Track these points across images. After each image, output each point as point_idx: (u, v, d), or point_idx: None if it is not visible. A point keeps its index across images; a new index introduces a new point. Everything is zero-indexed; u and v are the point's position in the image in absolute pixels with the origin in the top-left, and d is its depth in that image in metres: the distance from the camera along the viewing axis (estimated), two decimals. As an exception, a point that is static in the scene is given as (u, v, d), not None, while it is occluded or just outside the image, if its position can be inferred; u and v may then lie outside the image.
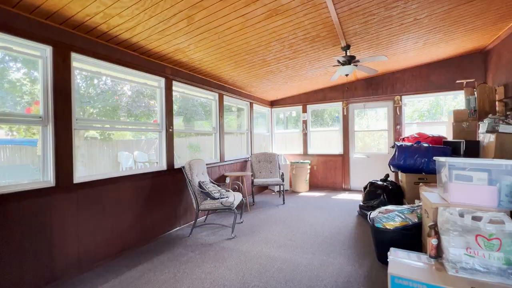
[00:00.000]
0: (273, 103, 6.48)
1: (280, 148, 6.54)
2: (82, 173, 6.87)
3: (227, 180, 4.44)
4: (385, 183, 3.43)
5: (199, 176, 3.39)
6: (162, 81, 3.26)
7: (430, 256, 1.64)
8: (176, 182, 3.40)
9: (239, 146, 5.47)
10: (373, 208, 3.36)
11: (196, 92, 3.97)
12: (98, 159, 9.63)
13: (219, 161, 4.37)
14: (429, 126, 5.29)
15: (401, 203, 3.31)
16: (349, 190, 5.62)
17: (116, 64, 2.68)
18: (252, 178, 4.72)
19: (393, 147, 5.25)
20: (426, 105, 6.59)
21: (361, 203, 3.65)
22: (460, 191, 1.67)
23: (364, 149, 5.74)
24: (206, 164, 3.99)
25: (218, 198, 3.14)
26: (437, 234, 1.62)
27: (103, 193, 2.53)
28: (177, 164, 3.43)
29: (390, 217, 2.26)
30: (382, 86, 5.27)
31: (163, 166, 3.27)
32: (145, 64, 3.00)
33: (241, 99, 5.12)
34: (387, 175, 3.65)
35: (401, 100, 5.12)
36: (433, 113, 6.38)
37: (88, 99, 3.00)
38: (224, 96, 4.56)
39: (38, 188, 2.04)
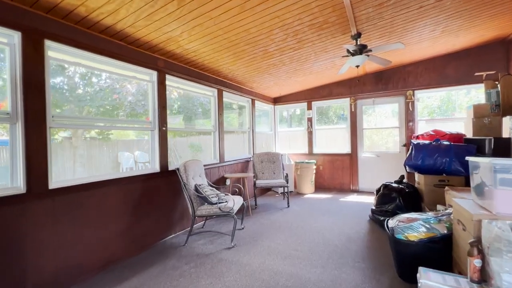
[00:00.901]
0: (276, 100, 6.16)
1: (284, 148, 6.23)
2: (81, 174, 6.63)
3: (227, 182, 4.15)
4: (400, 186, 3.10)
5: (195, 179, 3.10)
6: (154, 74, 2.98)
7: (472, 281, 1.33)
8: (170, 185, 3.11)
9: (241, 145, 5.18)
10: (387, 213, 3.04)
11: (192, 88, 3.67)
12: (97, 159, 9.42)
13: (218, 161, 4.08)
14: (441, 123, 4.92)
15: (419, 208, 2.98)
16: (357, 191, 5.29)
17: (100, 54, 2.40)
18: (254, 179, 4.42)
19: (404, 145, 4.92)
20: (436, 101, 6.24)
21: (374, 207, 3.33)
22: (510, 200, 1.35)
23: (372, 147, 5.40)
24: (205, 165, 3.70)
25: (216, 203, 2.84)
26: (481, 254, 1.31)
27: (86, 199, 2.25)
28: (175, 165, 3.15)
29: (413, 227, 1.94)
30: (393, 81, 4.93)
31: (155, 168, 2.99)
32: (134, 55, 2.71)
33: (242, 96, 4.82)
34: (402, 176, 3.32)
35: (413, 95, 4.77)
36: (444, 110, 6.03)
37: (71, 95, 2.72)
38: (224, 92, 4.27)
39: (6, 196, 1.77)
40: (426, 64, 4.64)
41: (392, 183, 3.26)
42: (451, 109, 6.01)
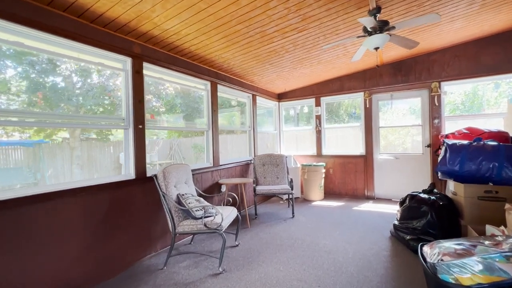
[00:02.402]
0: (280, 96, 5.59)
1: (291, 149, 5.65)
2: (78, 176, 6.26)
3: (223, 189, 3.61)
4: (432, 197, 2.48)
5: (179, 187, 2.58)
6: (127, 61, 2.48)
7: None
8: (150, 194, 2.61)
9: (241, 146, 4.65)
10: (415, 231, 2.42)
11: (178, 79, 3.16)
12: (97, 161, 9.04)
13: (212, 165, 3.55)
14: (469, 120, 4.22)
15: (457, 227, 2.36)
16: (373, 198, 4.65)
17: (54, 35, 1.91)
18: (254, 185, 3.87)
19: (429, 146, 4.25)
20: (460, 97, 5.53)
21: (397, 222, 2.72)
22: None
23: (388, 148, 4.75)
24: (195, 170, 3.19)
25: (200, 218, 2.31)
26: None
27: (32, 215, 1.76)
28: (153, 171, 2.64)
29: (467, 265, 1.34)
30: (415, 71, 4.27)
31: (130, 173, 2.49)
32: (98, 36, 2.21)
33: (241, 91, 4.28)
34: (433, 185, 2.68)
35: (440, 87, 4.10)
36: (469, 106, 5.32)
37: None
38: (219, 86, 3.74)
39: None
40: (455, 51, 3.97)
41: (420, 193, 2.64)
42: (477, 105, 5.29)
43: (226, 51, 3.02)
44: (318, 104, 5.17)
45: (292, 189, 3.83)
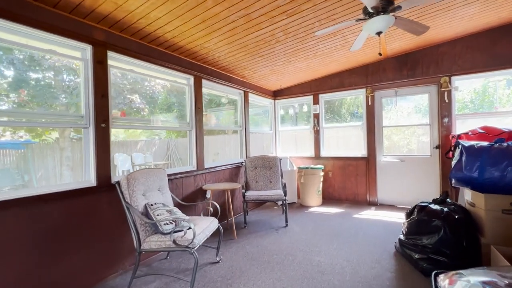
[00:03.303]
0: (276, 94, 5.22)
1: (289, 150, 5.27)
2: (67, 179, 5.93)
3: (208, 195, 3.26)
4: (445, 209, 2.09)
5: (149, 195, 2.22)
6: (87, 50, 2.13)
7: None
8: (116, 204, 2.26)
9: (232, 147, 4.30)
10: (425, 249, 2.03)
11: (155, 72, 2.81)
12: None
13: (195, 168, 3.19)
14: (480, 119, 3.82)
15: (477, 246, 1.97)
16: (375, 204, 4.26)
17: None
18: (243, 190, 3.50)
19: (437, 147, 3.84)
20: (469, 95, 5.14)
21: (403, 237, 2.33)
22: None
23: (392, 149, 4.36)
24: (173, 175, 2.83)
25: (169, 233, 1.95)
26: None
27: None
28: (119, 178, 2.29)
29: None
30: (422, 65, 3.87)
31: (90, 180, 2.14)
32: (48, 19, 1.87)
33: (230, 87, 3.92)
34: (446, 194, 2.29)
35: (450, 82, 3.70)
36: (479, 105, 4.92)
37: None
38: (204, 81, 3.38)
39: None
40: (467, 42, 3.56)
41: (430, 203, 2.25)
42: (488, 103, 4.89)
43: (207, 39, 2.66)
44: (316, 101, 4.79)
45: (285, 195, 3.46)
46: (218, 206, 2.52)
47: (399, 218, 3.54)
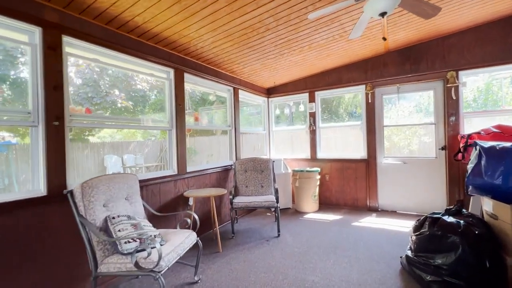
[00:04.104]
0: (270, 92, 4.89)
1: (282, 151, 4.94)
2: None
3: (190, 202, 2.91)
4: (461, 221, 1.76)
5: (112, 206, 1.88)
6: (35, 33, 1.78)
7: None
8: (72, 217, 1.90)
9: (221, 149, 3.96)
10: (439, 270, 1.70)
11: (127, 63, 2.46)
12: (77, 163, 8.33)
13: (176, 173, 2.85)
14: (485, 117, 3.53)
15: (501, 266, 1.64)
16: (376, 210, 3.93)
17: None
18: (231, 196, 3.15)
19: (443, 148, 3.51)
20: (472, 93, 4.86)
21: (411, 253, 2.00)
22: None
23: (393, 151, 4.04)
24: (147, 180, 2.49)
25: (130, 253, 1.61)
26: None
27: None
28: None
29: None
30: (427, 59, 3.56)
31: (39, 189, 1.79)
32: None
33: (218, 82, 3.58)
34: (460, 204, 1.96)
35: (457, 77, 3.39)
36: (482, 103, 4.64)
37: None
38: (187, 75, 3.04)
39: None
40: (477, 33, 3.26)
41: (443, 214, 1.91)
42: (493, 101, 4.61)
43: (185, 26, 2.32)
44: (312, 99, 4.46)
45: (277, 201, 3.12)
46: (196, 217, 2.18)
47: (403, 226, 3.22)
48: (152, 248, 1.59)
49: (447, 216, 1.85)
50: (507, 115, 3.42)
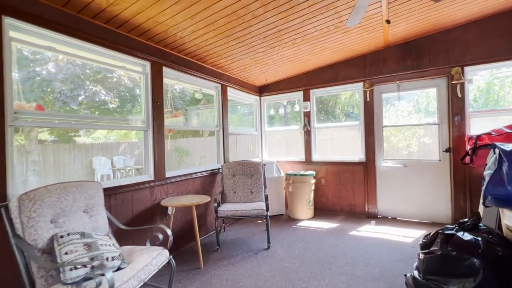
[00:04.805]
0: (262, 90, 4.60)
1: (276, 153, 4.65)
2: (35, 185, 5.17)
3: (170, 212, 2.60)
4: (479, 238, 1.48)
5: (62, 222, 1.56)
6: (-35, 11, 1.47)
7: None
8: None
9: (208, 151, 3.65)
10: (454, 299, 1.41)
11: (93, 54, 2.15)
12: (63, 166, 7.92)
13: (152, 178, 2.53)
14: (489, 117, 3.29)
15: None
16: (375, 217, 3.65)
17: None
18: (216, 204, 2.84)
19: (447, 151, 3.23)
20: (472, 93, 4.64)
21: (418, 275, 1.71)
22: None
23: (393, 153, 3.77)
24: (118, 188, 2.17)
25: (74, 282, 1.30)
26: None
27: None
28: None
29: None
30: (429, 54, 3.30)
31: (-31, 202, 1.47)
32: None
33: (203, 78, 3.28)
34: (478, 217, 1.68)
35: (463, 73, 3.13)
36: (483, 104, 4.42)
37: None
38: (166, 69, 2.73)
39: None
40: (482, 26, 3.00)
41: (457, 230, 1.63)
42: (493, 102, 4.40)
43: (158, 11, 2.02)
44: (307, 98, 4.18)
45: (267, 209, 2.81)
46: (169, 231, 1.87)
47: (405, 236, 2.94)
48: (101, 275, 1.27)
49: (462, 233, 1.56)
50: (509, 114, 3.17)
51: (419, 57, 3.35)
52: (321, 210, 4.04)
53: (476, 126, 3.27)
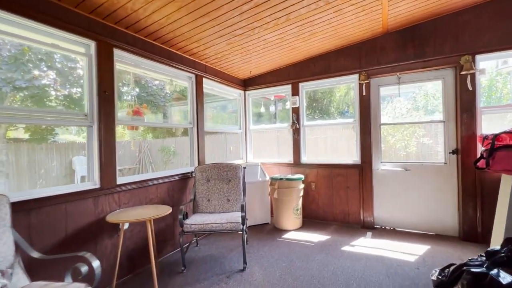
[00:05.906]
0: (247, 83, 4.12)
1: (262, 154, 4.17)
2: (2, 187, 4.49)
3: (125, 226, 2.10)
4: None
5: None
6: None
7: None
8: None
9: (178, 152, 3.16)
10: None
11: (16, 28, 1.64)
12: (38, 167, 7.28)
13: (98, 186, 2.03)
14: (493, 114, 2.87)
15: None
16: (372, 227, 3.21)
17: None
18: (181, 216, 2.34)
19: (454, 152, 2.77)
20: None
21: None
22: None
23: (391, 155, 3.33)
24: (43, 201, 1.67)
25: None
26: None
27: None
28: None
29: None
30: (434, 41, 2.86)
31: None
32: None
33: (173, 66, 2.78)
34: (510, 245, 1.23)
35: (474, 63, 2.69)
36: (485, 101, 4.05)
37: None
38: (119, 52, 2.23)
39: None
40: (495, 7, 2.57)
41: (489, 266, 1.17)
42: (496, 100, 4.04)
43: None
44: (295, 92, 3.71)
45: (243, 222, 2.33)
46: (96, 263, 1.38)
47: (407, 253, 2.50)
48: None
49: (496, 271, 1.11)
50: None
51: (423, 44, 2.90)
52: (310, 219, 3.58)
53: (484, 124, 2.87)
